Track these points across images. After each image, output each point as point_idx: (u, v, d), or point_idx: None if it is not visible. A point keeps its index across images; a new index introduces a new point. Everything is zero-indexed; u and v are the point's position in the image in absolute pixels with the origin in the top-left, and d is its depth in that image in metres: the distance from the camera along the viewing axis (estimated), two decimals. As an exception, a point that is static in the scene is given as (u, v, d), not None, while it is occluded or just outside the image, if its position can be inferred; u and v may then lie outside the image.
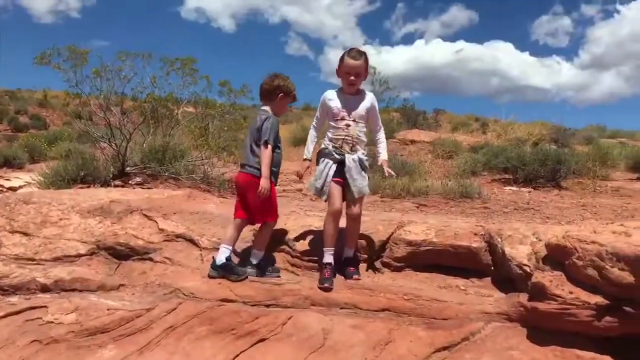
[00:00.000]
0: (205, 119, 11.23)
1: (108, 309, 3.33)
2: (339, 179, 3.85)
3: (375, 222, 4.67)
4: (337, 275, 3.96)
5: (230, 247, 3.93)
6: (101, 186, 8.01)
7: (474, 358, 3.27)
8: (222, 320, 3.35)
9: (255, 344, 3.27)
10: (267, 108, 4.03)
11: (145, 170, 8.87)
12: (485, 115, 32.87)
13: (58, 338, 3.11)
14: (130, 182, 8.56)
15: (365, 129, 4.02)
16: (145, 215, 4.93)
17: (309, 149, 4.12)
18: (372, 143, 4.22)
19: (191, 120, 11.24)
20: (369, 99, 4.03)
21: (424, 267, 4.13)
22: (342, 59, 3.87)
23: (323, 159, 3.94)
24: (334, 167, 3.87)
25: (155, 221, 4.80)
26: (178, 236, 4.58)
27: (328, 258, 3.89)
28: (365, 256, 4.27)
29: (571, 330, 3.23)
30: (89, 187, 7.91)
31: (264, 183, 3.78)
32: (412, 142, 18.61)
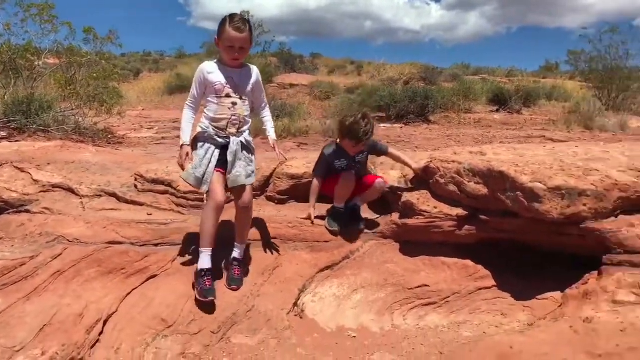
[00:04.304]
0: (71, 69, 10.57)
1: (-13, 262, 3.22)
2: (220, 169, 3.34)
3: (259, 160, 4.81)
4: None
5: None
6: (-40, 143, 7.40)
7: (355, 274, 3.59)
8: (111, 261, 3.36)
9: (146, 280, 3.33)
10: None
11: (9, 124, 8.29)
12: (360, 58, 33.70)
13: None
14: (-7, 137, 7.98)
15: (250, 108, 3.49)
16: (17, 168, 4.70)
17: (187, 132, 3.37)
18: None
19: (56, 71, 10.54)
20: (255, 73, 3.48)
21: (306, 198, 4.35)
22: (222, 29, 3.22)
23: (203, 143, 3.35)
24: (217, 153, 3.33)
25: (29, 173, 4.60)
26: (55, 186, 4.43)
27: (205, 262, 3.29)
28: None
29: (437, 240, 3.65)
30: (-55, 145, 7.28)
31: None
32: (291, 85, 18.81)
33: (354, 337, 3.11)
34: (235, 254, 3.50)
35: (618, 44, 15.67)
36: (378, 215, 4.01)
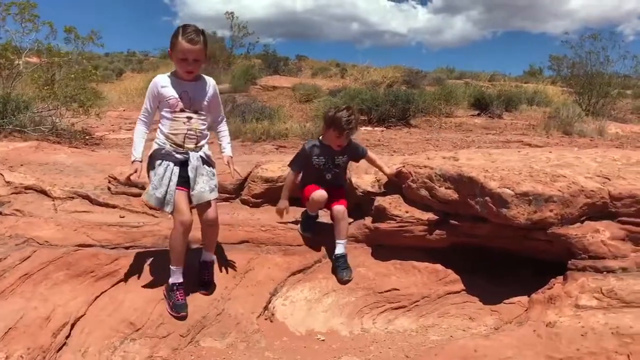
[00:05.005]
0: (51, 69, 10.46)
1: (-46, 265, 3.19)
2: (182, 187, 3.17)
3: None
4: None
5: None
6: None
7: (326, 277, 3.61)
8: (80, 264, 3.34)
9: (116, 284, 3.32)
10: None
11: (-16, 125, 8.19)
12: (346, 61, 33.68)
13: None
14: (-33, 137, 7.88)
15: (207, 122, 3.35)
16: (-11, 169, 4.66)
17: (138, 149, 3.26)
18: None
19: (35, 70, 10.43)
20: (211, 86, 3.34)
21: (281, 201, 4.36)
22: (175, 40, 3.07)
23: (161, 161, 3.19)
24: (177, 170, 3.16)
25: (1, 174, 4.55)
26: (27, 188, 4.39)
27: (177, 277, 3.22)
28: (226, 195, 4.41)
29: (408, 244, 3.67)
30: None
31: None
32: (274, 87, 18.80)
33: (323, 340, 3.13)
34: (205, 257, 3.48)
35: (599, 50, 15.83)
36: (351, 220, 4.02)
